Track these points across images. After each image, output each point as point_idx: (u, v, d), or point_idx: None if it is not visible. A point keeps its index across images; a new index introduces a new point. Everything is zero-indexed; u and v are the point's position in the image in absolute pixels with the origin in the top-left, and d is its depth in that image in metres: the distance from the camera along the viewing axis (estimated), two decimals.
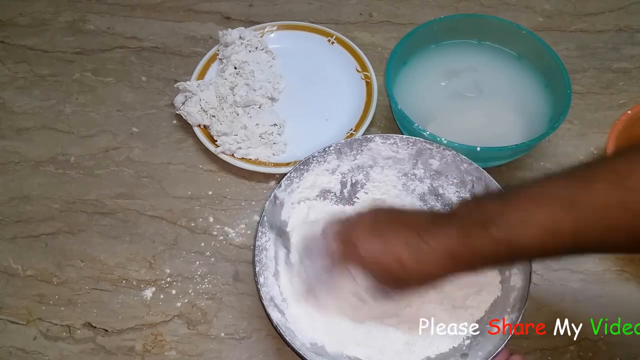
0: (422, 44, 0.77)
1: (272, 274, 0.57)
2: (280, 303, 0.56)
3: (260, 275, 0.55)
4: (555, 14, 0.91)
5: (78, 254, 0.68)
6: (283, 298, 0.57)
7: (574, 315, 0.62)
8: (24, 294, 0.66)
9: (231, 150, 0.73)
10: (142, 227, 0.70)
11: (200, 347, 0.62)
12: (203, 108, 0.76)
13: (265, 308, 0.52)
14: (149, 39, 0.89)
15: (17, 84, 0.85)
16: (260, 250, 0.56)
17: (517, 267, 0.55)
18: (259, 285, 0.54)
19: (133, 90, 0.84)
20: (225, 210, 0.71)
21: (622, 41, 0.87)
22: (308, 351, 0.51)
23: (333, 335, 0.56)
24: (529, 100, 0.73)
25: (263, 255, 0.57)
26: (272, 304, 0.54)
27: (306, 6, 0.93)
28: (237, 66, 0.80)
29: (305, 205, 0.63)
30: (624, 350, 0.60)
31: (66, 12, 0.94)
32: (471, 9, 0.92)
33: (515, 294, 0.54)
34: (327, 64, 0.84)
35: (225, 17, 0.92)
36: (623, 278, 0.65)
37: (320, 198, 0.65)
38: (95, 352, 0.62)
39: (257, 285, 0.54)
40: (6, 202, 0.73)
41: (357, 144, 0.64)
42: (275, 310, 0.54)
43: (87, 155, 0.77)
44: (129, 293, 0.65)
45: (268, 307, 0.52)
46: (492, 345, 0.51)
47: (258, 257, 0.55)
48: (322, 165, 0.63)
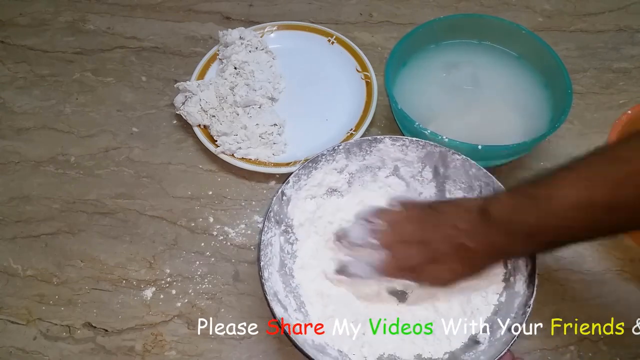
0: (422, 44, 0.77)
1: (276, 270, 0.57)
2: (283, 299, 0.56)
3: (265, 270, 0.55)
4: (555, 14, 0.91)
5: (78, 254, 0.68)
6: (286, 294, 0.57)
7: (574, 315, 0.62)
8: (24, 294, 0.66)
9: (231, 150, 0.73)
10: (142, 227, 0.70)
11: (200, 347, 0.62)
12: (203, 108, 0.76)
13: (268, 303, 0.52)
14: (149, 39, 0.89)
15: (17, 84, 0.85)
16: (266, 245, 0.57)
17: (522, 274, 0.55)
18: (263, 280, 0.54)
19: (133, 90, 0.84)
20: (225, 210, 0.71)
21: (622, 41, 0.87)
22: (311, 348, 0.51)
23: (336, 333, 0.56)
24: (529, 100, 0.73)
25: (268, 250, 0.57)
26: (275, 299, 0.54)
27: (306, 6, 0.93)
28: (237, 66, 0.80)
29: (313, 202, 0.63)
30: (624, 350, 0.60)
31: (66, 12, 0.94)
32: (471, 9, 0.92)
33: (520, 300, 0.54)
34: (327, 64, 0.84)
35: (225, 17, 0.92)
36: (623, 278, 0.65)
37: (327, 196, 0.65)
38: (95, 352, 0.62)
39: (261, 280, 0.54)
40: (6, 202, 0.73)
41: (367, 144, 0.63)
42: (279, 306, 0.54)
43: (87, 155, 0.77)
44: (129, 293, 0.65)
45: (271, 302, 0.52)
46: (495, 349, 0.51)
47: (263, 251, 0.56)
48: (331, 164, 0.63)
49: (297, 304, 0.57)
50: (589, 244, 0.67)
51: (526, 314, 0.51)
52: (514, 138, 0.69)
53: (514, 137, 0.69)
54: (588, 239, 0.51)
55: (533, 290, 0.52)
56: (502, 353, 0.50)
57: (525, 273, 0.54)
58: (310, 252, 0.61)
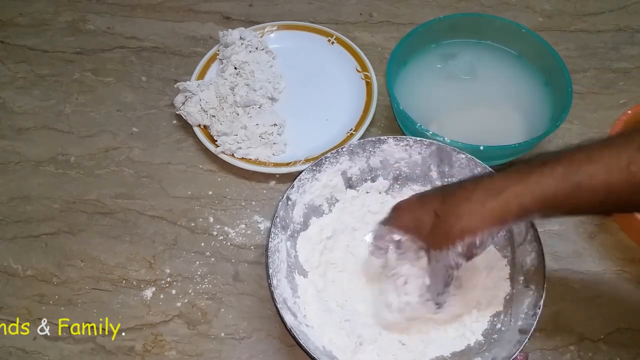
0: (422, 44, 0.77)
1: (284, 276, 0.57)
2: (292, 306, 0.55)
3: (274, 277, 0.54)
4: (555, 14, 0.91)
5: (78, 254, 0.68)
6: (295, 300, 0.57)
7: (574, 315, 0.62)
8: (24, 294, 0.66)
9: (231, 150, 0.73)
10: (142, 227, 0.70)
11: (200, 347, 0.62)
12: (203, 108, 0.76)
13: (278, 311, 0.52)
14: (149, 39, 0.89)
15: (17, 84, 0.85)
16: (273, 252, 0.56)
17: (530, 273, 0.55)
18: (272, 287, 0.53)
19: (133, 90, 0.84)
20: (225, 210, 0.71)
21: (622, 41, 0.87)
22: (322, 354, 0.51)
23: (345, 338, 0.56)
24: (529, 99, 0.73)
25: (275, 256, 0.56)
26: (285, 307, 0.53)
27: (306, 6, 0.93)
28: (237, 66, 0.80)
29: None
30: (624, 350, 0.60)
31: (66, 12, 0.94)
32: (471, 8, 0.92)
33: (529, 300, 0.54)
34: (327, 64, 0.84)
35: (225, 17, 0.92)
36: (623, 278, 0.65)
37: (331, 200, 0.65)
38: (95, 352, 0.62)
39: (270, 287, 0.53)
40: (6, 202, 0.73)
41: (370, 145, 0.63)
42: (289, 313, 0.53)
43: (87, 155, 0.77)
44: (129, 293, 0.65)
45: (281, 310, 0.52)
46: (506, 351, 0.51)
47: (271, 258, 0.55)
48: (335, 166, 0.63)
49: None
50: (589, 244, 0.67)
51: (536, 315, 0.51)
52: (514, 136, 0.69)
53: (515, 135, 0.69)
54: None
55: (542, 291, 0.52)
56: (515, 355, 0.50)
57: (534, 272, 0.55)
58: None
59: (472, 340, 0.55)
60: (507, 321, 0.55)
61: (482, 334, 0.56)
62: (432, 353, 0.55)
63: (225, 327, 0.63)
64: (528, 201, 0.45)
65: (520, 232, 0.58)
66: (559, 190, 0.44)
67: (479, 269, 0.59)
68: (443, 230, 0.49)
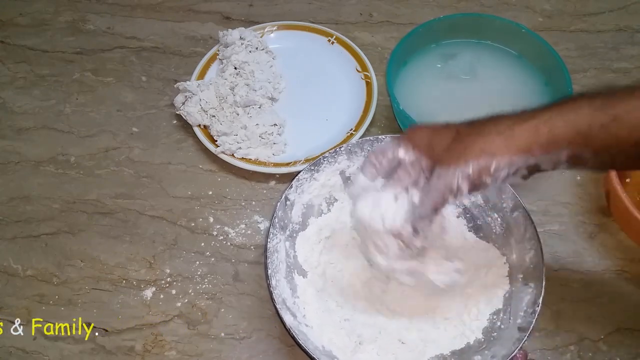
0: (422, 44, 0.77)
1: (283, 276, 0.57)
2: (291, 306, 0.55)
3: (272, 277, 0.54)
4: (555, 14, 0.91)
5: (78, 254, 0.68)
6: (294, 300, 0.57)
7: (574, 315, 0.62)
8: (24, 294, 0.66)
9: (231, 150, 0.73)
10: (142, 227, 0.70)
11: (200, 347, 0.62)
12: (203, 108, 0.76)
13: (277, 311, 0.52)
14: (149, 39, 0.89)
15: (17, 84, 0.85)
16: (272, 252, 0.56)
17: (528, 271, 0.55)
18: (272, 288, 0.53)
19: (133, 90, 0.84)
20: (225, 210, 0.71)
21: (622, 41, 0.87)
22: (321, 354, 0.51)
23: (345, 338, 0.56)
24: (529, 99, 0.73)
25: (274, 257, 0.56)
26: (284, 307, 0.53)
27: (306, 6, 0.93)
28: (237, 66, 0.80)
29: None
30: (624, 350, 0.60)
31: (66, 12, 0.94)
32: (471, 8, 0.92)
33: (528, 297, 0.54)
34: (327, 64, 0.84)
35: (225, 17, 0.92)
36: (623, 278, 0.65)
37: (330, 199, 0.64)
38: (95, 352, 0.62)
39: (269, 288, 0.53)
40: (6, 202, 0.73)
41: (369, 145, 0.63)
42: (288, 313, 0.53)
43: (87, 155, 0.77)
44: (129, 293, 0.65)
45: (281, 311, 0.52)
46: (506, 349, 0.51)
47: (270, 259, 0.55)
48: (333, 166, 0.63)
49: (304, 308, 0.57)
50: (589, 244, 0.67)
51: (535, 312, 0.51)
52: None
53: None
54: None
55: (541, 288, 0.52)
56: (514, 353, 0.50)
57: (533, 270, 0.55)
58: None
59: (471, 339, 0.55)
60: (507, 319, 0.55)
61: (481, 332, 0.56)
62: (432, 352, 0.55)
63: (225, 327, 0.63)
64: (560, 129, 0.41)
65: (519, 230, 0.58)
66: (595, 121, 0.40)
67: (479, 267, 0.59)
68: (461, 146, 0.45)
